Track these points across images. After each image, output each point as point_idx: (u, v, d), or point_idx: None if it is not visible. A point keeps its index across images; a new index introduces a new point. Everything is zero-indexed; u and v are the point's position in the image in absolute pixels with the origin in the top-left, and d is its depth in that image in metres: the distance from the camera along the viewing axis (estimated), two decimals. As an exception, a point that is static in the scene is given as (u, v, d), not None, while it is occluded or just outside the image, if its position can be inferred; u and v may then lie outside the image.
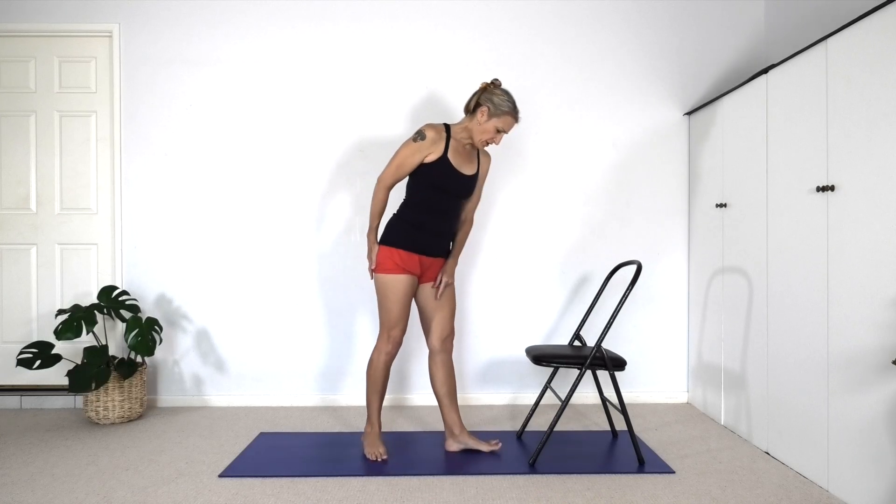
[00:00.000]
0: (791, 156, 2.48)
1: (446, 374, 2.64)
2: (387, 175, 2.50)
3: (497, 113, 2.44)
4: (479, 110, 2.46)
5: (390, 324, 2.54)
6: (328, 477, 2.40)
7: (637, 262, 2.64)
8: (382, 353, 2.57)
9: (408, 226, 2.51)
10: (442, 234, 2.57)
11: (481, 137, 2.48)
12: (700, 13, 3.52)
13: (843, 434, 2.18)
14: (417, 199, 2.53)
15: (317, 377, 3.47)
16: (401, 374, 3.47)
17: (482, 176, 2.66)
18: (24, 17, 3.44)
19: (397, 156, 2.48)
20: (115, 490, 2.28)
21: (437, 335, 2.63)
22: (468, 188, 2.56)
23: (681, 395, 3.52)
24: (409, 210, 2.54)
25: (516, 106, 2.50)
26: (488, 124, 2.46)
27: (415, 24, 3.47)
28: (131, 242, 3.45)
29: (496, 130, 2.47)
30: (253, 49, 3.45)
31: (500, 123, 2.46)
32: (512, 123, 2.48)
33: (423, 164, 2.48)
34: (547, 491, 2.28)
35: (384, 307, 2.53)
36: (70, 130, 3.51)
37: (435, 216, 2.53)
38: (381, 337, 2.57)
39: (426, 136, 2.45)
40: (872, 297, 2.03)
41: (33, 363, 2.98)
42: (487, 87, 2.48)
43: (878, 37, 2.02)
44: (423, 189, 2.51)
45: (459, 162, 2.52)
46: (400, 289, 2.50)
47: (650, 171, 3.51)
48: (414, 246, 2.51)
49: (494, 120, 2.45)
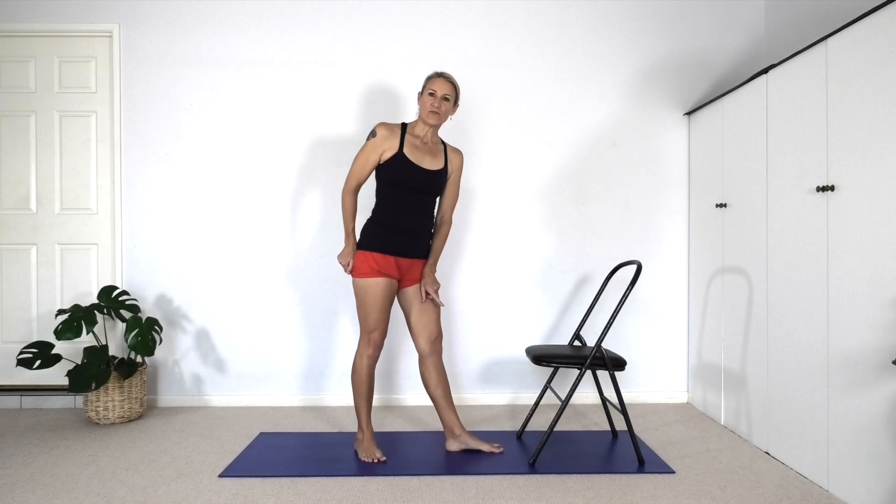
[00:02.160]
0: (791, 156, 2.48)
1: (439, 377, 2.64)
2: (350, 179, 2.55)
3: (425, 84, 2.55)
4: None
5: (369, 327, 2.54)
6: (328, 477, 2.40)
7: (637, 262, 2.64)
8: (364, 357, 2.56)
9: (379, 228, 2.53)
10: (416, 234, 2.57)
11: (424, 110, 2.52)
12: (700, 13, 3.52)
13: (843, 434, 2.18)
14: (383, 200, 2.55)
15: (317, 377, 3.47)
16: (397, 375, 3.47)
17: (454, 173, 2.66)
18: (24, 17, 3.44)
19: (357, 158, 2.54)
20: (115, 490, 2.28)
21: (424, 338, 2.62)
22: (433, 183, 2.57)
23: (681, 395, 3.52)
24: (379, 212, 2.56)
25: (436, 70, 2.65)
26: (424, 98, 2.53)
27: (415, 26, 3.47)
28: (131, 242, 3.45)
29: (429, 96, 2.52)
30: (253, 49, 3.45)
31: (430, 87, 2.52)
32: (438, 82, 2.53)
33: (383, 163, 2.51)
34: (547, 491, 2.28)
35: (363, 311, 2.53)
36: (70, 130, 3.50)
37: (403, 215, 2.53)
38: (362, 341, 2.57)
39: (377, 133, 2.51)
40: (872, 297, 2.03)
41: (33, 363, 2.98)
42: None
43: (878, 37, 2.02)
44: (385, 187, 2.54)
45: (419, 157, 2.53)
46: (377, 292, 2.50)
47: (650, 171, 3.51)
48: (388, 247, 2.51)
49: (425, 91, 2.53)
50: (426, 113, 2.51)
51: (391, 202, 2.53)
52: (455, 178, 2.67)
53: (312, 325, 3.46)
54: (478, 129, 3.47)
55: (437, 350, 2.64)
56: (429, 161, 2.55)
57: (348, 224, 2.56)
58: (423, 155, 2.54)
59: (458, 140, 3.44)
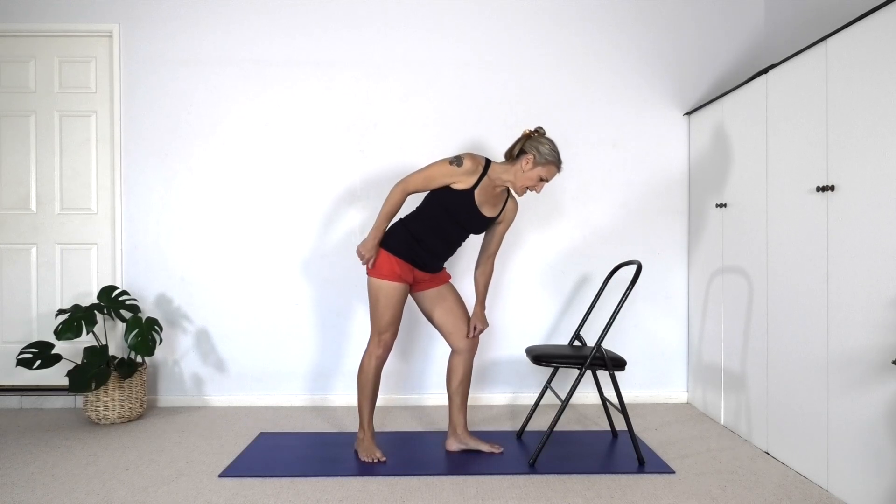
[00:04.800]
0: (791, 156, 2.48)
1: (465, 374, 2.65)
2: (411, 182, 2.45)
3: (542, 161, 2.42)
4: (523, 157, 2.42)
5: (381, 328, 2.53)
6: (328, 477, 2.40)
7: (637, 262, 2.64)
8: (373, 358, 2.56)
9: (410, 237, 2.50)
10: (440, 257, 2.58)
11: (523, 184, 2.45)
12: (700, 13, 3.52)
13: (843, 434, 2.18)
14: (426, 215, 2.51)
15: (317, 378, 3.47)
16: (397, 375, 3.47)
17: (506, 221, 2.61)
18: (24, 17, 3.44)
19: (429, 169, 2.45)
20: (115, 490, 2.28)
21: (461, 335, 2.63)
22: (481, 227, 2.55)
23: (681, 395, 3.52)
24: (416, 222, 2.52)
25: (560, 156, 2.47)
26: (532, 172, 2.43)
27: (414, 26, 3.47)
28: (131, 242, 3.45)
29: (539, 178, 2.44)
30: (253, 49, 3.45)
31: (544, 172, 2.44)
32: (555, 172, 2.46)
33: (448, 188, 2.46)
34: (547, 491, 2.28)
35: (376, 311, 2.53)
36: (70, 130, 3.50)
37: (438, 238, 2.52)
38: (372, 341, 2.57)
39: (463, 163, 2.42)
40: (872, 297, 2.03)
41: (33, 363, 2.98)
42: (532, 134, 2.45)
43: (878, 37, 2.02)
44: (435, 207, 2.49)
45: (483, 200, 2.48)
46: (393, 295, 2.50)
47: (650, 171, 3.51)
48: (411, 257, 2.51)
49: (539, 168, 2.42)
50: (523, 188, 2.46)
51: (433, 222, 2.50)
52: (506, 227, 2.63)
53: (313, 326, 3.46)
54: (477, 129, 3.47)
55: (473, 347, 2.66)
56: (489, 207, 2.52)
57: (384, 221, 2.48)
58: (487, 201, 2.50)
59: (457, 138, 3.44)
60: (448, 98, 3.47)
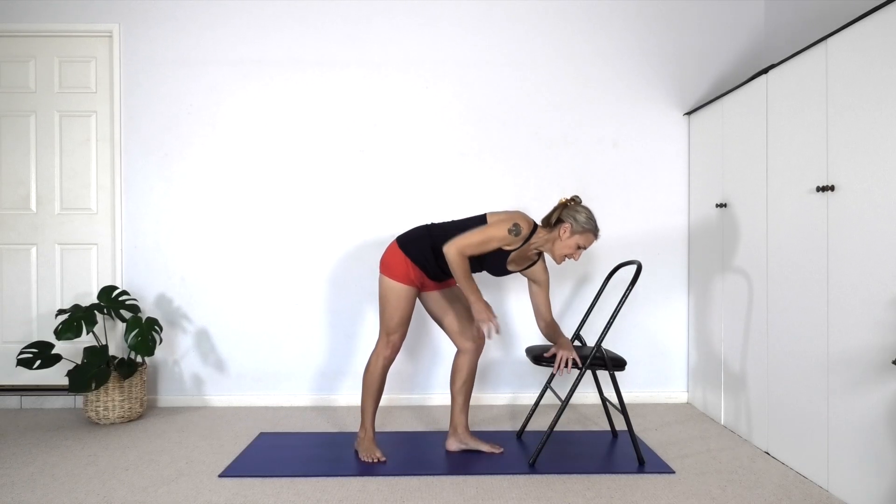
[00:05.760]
0: (791, 156, 2.48)
1: (469, 374, 2.65)
2: (468, 247, 2.39)
3: (579, 230, 2.43)
4: (561, 226, 2.43)
5: (391, 329, 2.54)
6: (328, 477, 2.40)
7: (637, 262, 2.64)
8: (381, 358, 2.57)
9: (430, 250, 2.51)
10: (449, 275, 2.60)
11: (562, 252, 2.46)
12: (700, 13, 3.52)
13: (843, 434, 2.18)
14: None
15: (317, 377, 3.47)
16: (397, 375, 3.47)
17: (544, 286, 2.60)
18: (24, 17, 3.44)
19: (486, 233, 2.40)
20: (115, 490, 2.28)
21: (469, 336, 2.64)
22: (499, 274, 2.59)
23: (681, 395, 3.52)
24: (441, 241, 2.48)
25: (597, 223, 2.48)
26: (570, 240, 2.44)
27: (415, 26, 3.47)
28: (131, 242, 3.45)
29: (577, 247, 2.45)
30: (253, 49, 3.45)
31: (582, 240, 2.44)
32: (592, 240, 2.47)
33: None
34: (547, 491, 2.28)
35: (387, 311, 2.53)
36: (70, 130, 3.50)
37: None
38: (381, 341, 2.57)
39: (521, 232, 2.43)
40: (872, 297, 2.03)
41: (33, 363, 2.98)
42: (568, 203, 2.47)
43: (878, 37, 2.02)
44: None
45: (514, 258, 2.52)
46: (404, 297, 2.51)
47: (650, 171, 3.51)
48: (428, 270, 2.54)
49: (577, 237, 2.43)
50: (561, 257, 2.47)
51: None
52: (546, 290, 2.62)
53: (314, 326, 3.46)
54: (477, 129, 3.47)
55: (479, 347, 2.66)
56: (515, 265, 2.55)
57: (469, 280, 2.40)
58: (518, 258, 2.53)
59: (457, 137, 3.44)
60: (448, 98, 3.47)
